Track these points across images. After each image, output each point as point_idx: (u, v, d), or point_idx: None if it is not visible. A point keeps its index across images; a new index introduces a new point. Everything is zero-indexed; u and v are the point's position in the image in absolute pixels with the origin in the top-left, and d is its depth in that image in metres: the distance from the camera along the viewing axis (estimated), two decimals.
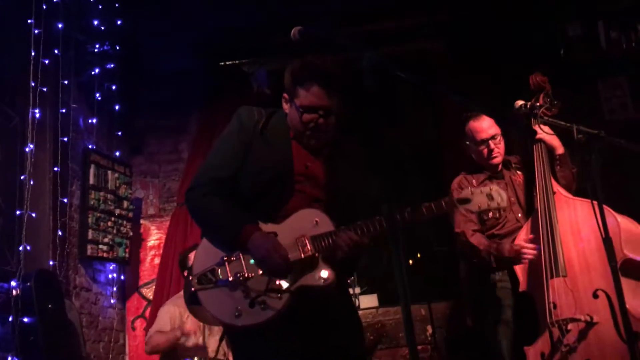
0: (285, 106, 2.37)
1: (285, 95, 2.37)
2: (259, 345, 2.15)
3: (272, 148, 2.30)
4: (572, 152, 3.17)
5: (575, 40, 5.12)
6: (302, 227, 2.21)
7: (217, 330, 4.08)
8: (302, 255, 2.17)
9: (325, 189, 2.33)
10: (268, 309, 2.10)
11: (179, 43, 5.50)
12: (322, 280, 2.17)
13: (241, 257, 2.17)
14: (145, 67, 5.61)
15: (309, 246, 2.18)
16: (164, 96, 5.59)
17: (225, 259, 2.16)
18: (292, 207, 2.25)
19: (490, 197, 2.30)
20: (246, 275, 2.14)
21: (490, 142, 3.31)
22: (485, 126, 3.32)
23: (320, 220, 2.23)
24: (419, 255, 6.14)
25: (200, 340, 3.93)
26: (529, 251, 3.01)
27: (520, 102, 3.29)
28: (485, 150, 3.33)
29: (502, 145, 3.36)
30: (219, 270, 2.15)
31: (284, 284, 2.14)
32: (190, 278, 2.16)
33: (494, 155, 3.32)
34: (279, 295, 2.12)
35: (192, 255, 3.84)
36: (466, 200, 2.31)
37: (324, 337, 2.23)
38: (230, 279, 2.13)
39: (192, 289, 2.13)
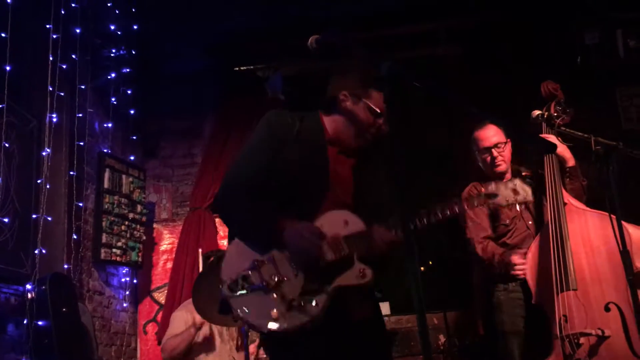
0: (344, 104, 2.32)
1: (346, 92, 2.32)
2: (292, 354, 2.11)
3: (308, 152, 2.27)
4: (590, 163, 3.15)
5: (592, 48, 5.09)
6: (333, 228, 2.16)
7: (228, 339, 4.09)
8: (338, 255, 2.12)
9: (351, 194, 2.31)
10: (306, 312, 2.04)
11: (193, 47, 5.53)
12: (361, 278, 2.12)
13: (274, 259, 2.11)
14: (160, 71, 5.65)
15: (343, 245, 2.13)
16: (178, 101, 5.62)
17: (257, 263, 2.10)
18: (322, 210, 2.21)
19: (515, 191, 2.26)
20: (281, 278, 2.08)
21: (493, 150, 3.32)
22: (489, 134, 3.34)
23: (349, 220, 2.18)
24: (430, 263, 6.10)
25: (208, 331, 3.94)
26: (520, 267, 3.05)
27: (537, 112, 3.28)
28: (489, 158, 3.35)
29: (506, 154, 3.36)
30: (252, 274, 2.09)
31: (320, 284, 2.08)
32: (221, 286, 2.09)
33: (497, 163, 3.33)
34: (316, 296, 2.06)
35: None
36: (494, 195, 2.27)
37: (351, 355, 2.19)
38: (265, 283, 2.07)
39: (224, 295, 2.07)
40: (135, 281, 5.23)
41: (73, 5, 4.39)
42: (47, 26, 4.05)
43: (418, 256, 1.70)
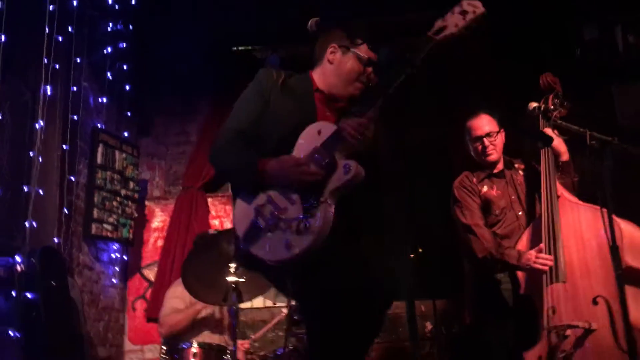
0: (333, 56, 2.39)
1: (334, 44, 2.39)
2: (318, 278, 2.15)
3: (294, 99, 2.34)
4: (584, 156, 3.16)
5: (591, 44, 5.06)
6: (310, 142, 2.23)
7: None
8: (320, 166, 2.17)
9: None
10: (312, 226, 2.10)
11: (191, 26, 5.48)
12: (346, 173, 2.15)
13: (270, 197, 2.19)
14: (156, 48, 5.59)
15: (323, 153, 2.18)
16: (174, 78, 5.57)
17: (258, 208, 2.19)
18: None
19: (464, 12, 2.28)
20: (280, 207, 2.16)
21: (485, 139, 3.35)
22: (481, 124, 3.36)
23: (322, 128, 2.24)
24: (420, 250, 6.11)
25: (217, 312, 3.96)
26: (543, 261, 2.98)
27: (534, 104, 3.28)
28: (480, 147, 3.37)
29: (498, 143, 3.38)
30: (258, 219, 2.18)
31: (316, 197, 2.14)
32: (239, 243, 2.21)
33: (489, 152, 3.35)
34: (316, 210, 2.12)
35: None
36: (442, 29, 2.26)
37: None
38: (269, 221, 2.16)
39: (243, 249, 2.17)
40: (125, 257, 5.22)
41: None
42: None
43: (410, 244, 1.71)
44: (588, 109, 3.95)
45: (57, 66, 4.10)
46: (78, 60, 4.46)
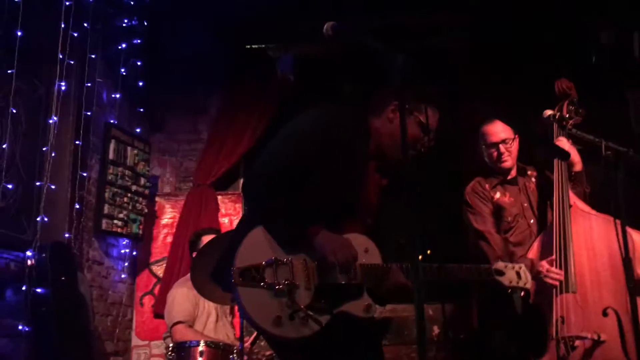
0: (394, 114, 2.26)
1: (396, 103, 2.20)
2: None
3: (349, 166, 2.21)
4: (598, 167, 3.13)
5: (607, 48, 5.02)
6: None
7: (222, 315, 4.11)
8: (351, 280, 2.11)
9: (374, 216, 2.30)
10: (307, 327, 2.02)
11: (205, 23, 5.47)
12: (365, 312, 2.13)
13: (292, 263, 2.06)
14: (170, 44, 5.60)
15: (358, 272, 2.13)
16: (187, 75, 5.57)
17: (275, 260, 2.04)
18: (342, 225, 2.18)
19: (518, 275, 2.42)
20: (296, 283, 2.04)
21: (500, 145, 3.31)
22: (496, 130, 3.33)
23: (370, 250, 2.19)
24: (428, 252, 6.11)
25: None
26: (555, 276, 2.95)
27: (549, 112, 3.24)
28: (495, 154, 3.34)
29: (513, 150, 3.35)
30: (266, 270, 2.04)
31: (327, 305, 2.07)
32: (233, 269, 2.01)
33: (504, 159, 3.33)
34: (321, 315, 2.05)
35: (205, 239, 3.86)
36: (501, 272, 2.41)
37: None
38: (277, 283, 2.02)
39: (232, 281, 2.00)
40: (134, 253, 5.24)
41: None
42: None
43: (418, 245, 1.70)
44: (602, 115, 3.92)
45: (72, 62, 4.11)
46: (93, 56, 4.47)
